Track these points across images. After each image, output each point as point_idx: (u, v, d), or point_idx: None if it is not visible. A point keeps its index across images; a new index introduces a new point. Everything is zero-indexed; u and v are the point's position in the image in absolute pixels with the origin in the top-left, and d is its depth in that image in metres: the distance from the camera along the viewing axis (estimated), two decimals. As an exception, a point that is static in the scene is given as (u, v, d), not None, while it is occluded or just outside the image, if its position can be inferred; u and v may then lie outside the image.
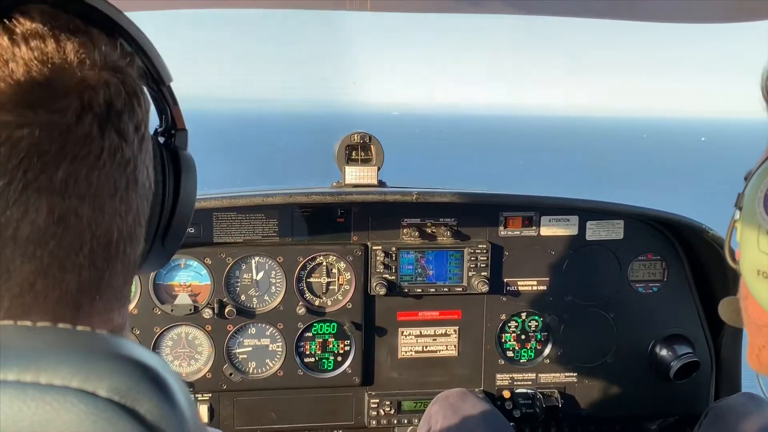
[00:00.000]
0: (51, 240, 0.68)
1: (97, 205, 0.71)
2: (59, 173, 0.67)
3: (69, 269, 0.70)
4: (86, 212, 0.70)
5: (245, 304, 2.62)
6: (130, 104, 0.75)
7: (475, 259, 2.67)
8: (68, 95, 0.69)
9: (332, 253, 2.64)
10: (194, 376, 2.64)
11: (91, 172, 0.70)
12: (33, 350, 0.55)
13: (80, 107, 0.69)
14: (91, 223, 0.70)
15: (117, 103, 0.73)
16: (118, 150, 0.73)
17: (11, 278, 0.67)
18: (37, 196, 0.66)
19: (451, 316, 2.76)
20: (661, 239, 2.78)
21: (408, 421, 2.76)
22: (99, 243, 0.71)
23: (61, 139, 0.68)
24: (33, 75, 0.68)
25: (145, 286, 2.54)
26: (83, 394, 0.53)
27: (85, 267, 0.71)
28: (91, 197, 0.70)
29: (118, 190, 0.73)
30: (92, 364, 0.55)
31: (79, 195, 0.69)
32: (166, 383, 0.57)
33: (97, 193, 0.70)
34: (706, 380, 2.85)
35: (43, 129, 0.67)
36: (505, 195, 2.72)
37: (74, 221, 0.69)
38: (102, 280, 0.73)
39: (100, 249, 0.72)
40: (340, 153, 2.65)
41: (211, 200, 2.53)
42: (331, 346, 2.71)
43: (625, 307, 2.80)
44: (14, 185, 0.65)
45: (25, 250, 0.67)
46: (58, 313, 0.70)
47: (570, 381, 2.84)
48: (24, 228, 0.66)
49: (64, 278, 0.69)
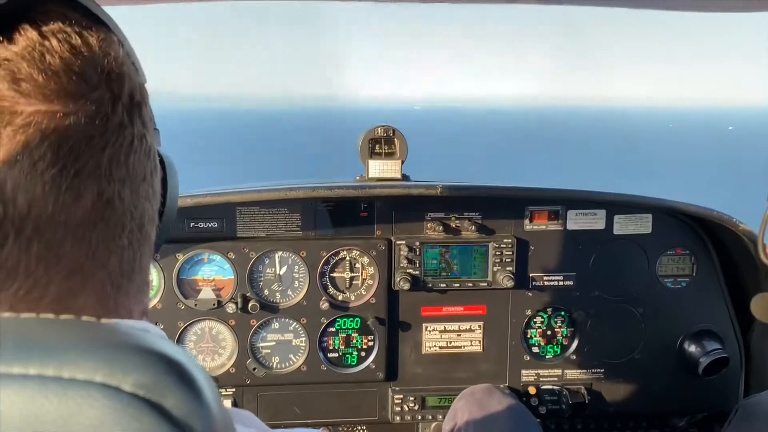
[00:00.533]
0: (99, 222, 0.71)
1: (134, 188, 0.75)
2: (104, 159, 0.71)
3: (114, 250, 0.73)
4: (127, 195, 0.74)
5: (268, 299, 2.61)
6: (144, 96, 0.80)
7: (500, 254, 2.64)
8: (100, 86, 0.72)
9: (355, 247, 2.62)
10: (218, 370, 2.63)
11: (127, 158, 0.74)
12: (56, 343, 0.54)
13: (112, 96, 0.73)
14: (130, 206, 0.75)
15: (136, 95, 0.77)
16: (144, 138, 0.78)
17: (60, 262, 0.69)
18: (87, 180, 0.70)
19: (475, 311, 2.73)
20: (690, 233, 2.73)
21: (432, 417, 2.74)
22: (136, 225, 0.76)
23: (102, 126, 0.71)
24: (70, 66, 0.70)
25: (169, 281, 2.54)
26: (107, 389, 0.52)
27: (126, 248, 0.75)
28: (129, 181, 0.74)
29: (146, 175, 0.78)
30: (116, 358, 0.54)
31: (121, 179, 0.73)
32: (193, 378, 0.56)
33: (133, 176, 0.75)
34: (736, 376, 2.80)
35: (87, 117, 0.70)
36: (531, 189, 2.68)
37: (118, 204, 0.73)
38: (136, 261, 0.77)
39: (137, 230, 0.76)
40: (364, 147, 2.62)
41: (234, 194, 2.52)
42: (354, 341, 2.69)
43: (654, 303, 2.75)
44: (66, 171, 0.68)
45: (75, 233, 0.70)
46: (103, 294, 0.73)
47: (597, 377, 2.80)
48: (75, 212, 0.69)
49: (109, 259, 0.73)
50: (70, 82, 0.70)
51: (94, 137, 0.71)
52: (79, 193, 0.69)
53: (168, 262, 2.54)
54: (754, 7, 1.95)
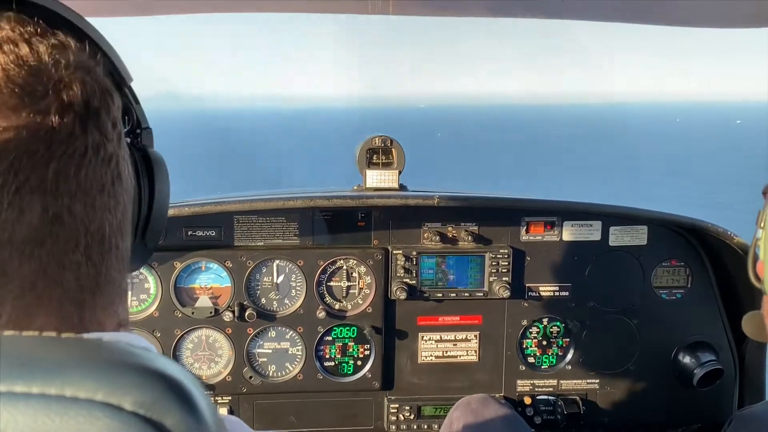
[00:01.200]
0: (47, 239, 0.69)
1: (88, 201, 0.72)
2: (49, 172, 0.69)
3: (67, 267, 0.71)
4: (78, 209, 0.71)
5: (266, 308, 2.62)
6: (105, 102, 0.77)
7: (496, 264, 2.65)
8: (47, 95, 0.70)
9: (352, 256, 2.63)
10: (214, 379, 2.64)
11: (78, 170, 0.71)
12: (58, 362, 0.55)
13: (60, 106, 0.70)
14: (84, 220, 0.72)
15: (94, 101, 0.74)
16: (101, 146, 0.74)
17: (11, 280, 0.68)
18: (30, 196, 0.68)
19: (471, 321, 2.74)
20: (685, 245, 2.75)
21: (428, 427, 2.74)
22: (93, 239, 0.73)
23: (47, 138, 0.69)
24: (12, 78, 0.69)
25: (166, 289, 2.55)
26: (108, 408, 0.53)
27: (83, 263, 0.72)
28: (81, 194, 0.71)
29: (105, 185, 0.74)
30: (117, 376, 0.54)
31: (70, 193, 0.71)
32: (192, 396, 0.56)
33: (86, 189, 0.72)
34: (730, 388, 2.81)
35: (29, 130, 0.68)
36: (527, 200, 2.70)
37: (68, 219, 0.70)
38: (100, 275, 0.75)
39: (95, 244, 0.73)
40: (361, 156, 2.64)
41: (232, 203, 2.53)
42: (350, 350, 2.70)
43: (649, 314, 2.76)
44: (7, 188, 0.67)
45: (23, 250, 0.68)
46: (63, 312, 0.71)
47: (592, 388, 2.81)
48: (20, 229, 0.68)
49: (64, 276, 0.71)
50: (12, 95, 0.68)
51: (38, 151, 0.68)
52: (22, 209, 0.67)
53: (165, 270, 2.55)
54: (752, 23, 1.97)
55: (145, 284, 2.56)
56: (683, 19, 2.06)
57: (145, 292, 2.56)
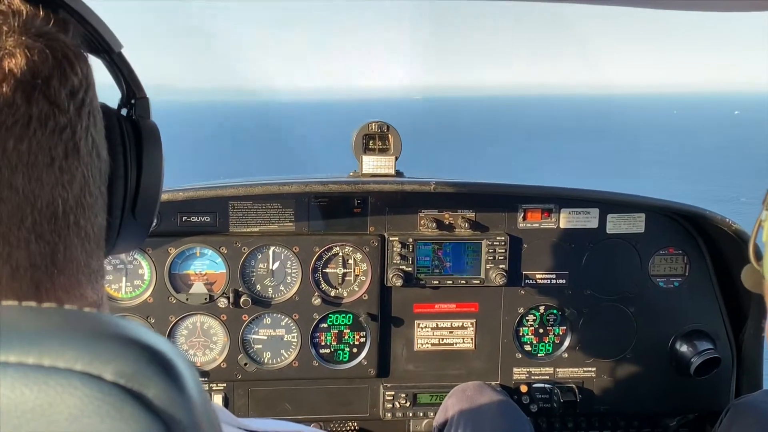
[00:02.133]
0: None
1: (33, 175, 0.68)
2: None
3: (14, 244, 0.68)
4: (21, 183, 0.67)
5: (261, 294, 2.60)
6: (60, 69, 0.72)
7: (493, 251, 2.63)
8: None
9: (348, 243, 2.61)
10: (209, 365, 2.63)
11: (19, 142, 0.67)
12: (37, 331, 0.53)
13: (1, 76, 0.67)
14: (29, 195, 0.68)
15: (43, 69, 0.70)
16: (50, 117, 0.70)
17: None
18: None
19: (468, 308, 2.73)
20: (683, 233, 2.73)
21: (423, 414, 2.73)
22: (42, 215, 0.69)
23: None
24: None
25: (161, 275, 2.53)
26: (87, 378, 0.51)
27: (32, 241, 0.69)
28: (24, 167, 0.67)
29: (55, 159, 0.70)
30: (98, 346, 0.52)
31: (10, 166, 0.67)
32: (175, 367, 0.55)
33: (30, 162, 0.68)
34: (727, 377, 2.80)
35: None
36: (525, 186, 2.68)
37: (8, 193, 0.67)
38: (56, 254, 0.71)
39: (44, 221, 0.70)
40: (358, 142, 2.62)
41: (226, 188, 2.51)
42: (346, 337, 2.69)
43: (646, 302, 2.75)
44: None
45: None
46: (18, 291, 0.68)
47: (588, 376, 2.80)
48: None
49: (11, 254, 0.68)
50: None
51: None
52: None
53: (160, 256, 2.53)
54: (755, 7, 1.94)
55: (139, 270, 2.55)
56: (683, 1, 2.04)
57: (140, 278, 2.55)
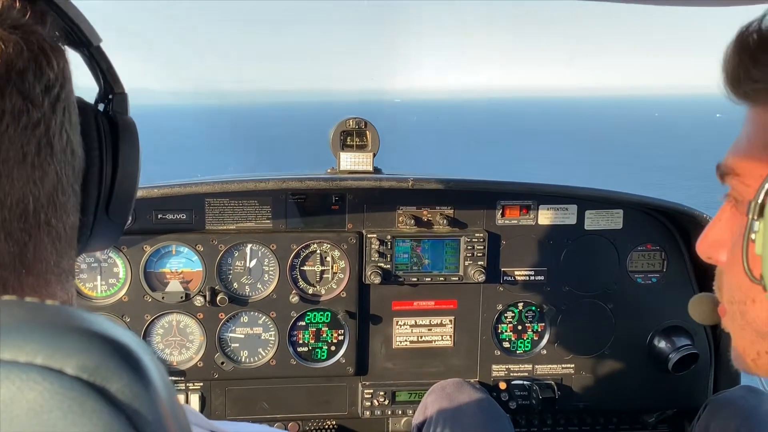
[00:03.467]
0: None
1: (4, 171, 0.66)
2: None
3: None
4: None
5: (238, 292, 2.58)
6: (36, 63, 0.70)
7: (471, 248, 2.63)
8: None
9: (326, 240, 2.59)
10: (185, 364, 2.60)
11: None
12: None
13: None
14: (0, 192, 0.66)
15: (18, 62, 0.68)
16: (23, 113, 0.68)
17: None
18: None
19: (446, 305, 2.72)
20: (660, 229, 2.74)
21: (402, 412, 2.72)
22: (13, 213, 0.67)
23: None
24: None
25: (136, 273, 2.50)
26: (49, 372, 0.49)
27: (1, 239, 0.67)
28: None
29: (27, 155, 0.68)
30: (60, 340, 0.51)
31: None
32: (140, 361, 0.53)
33: (1, 159, 0.66)
34: (705, 372, 2.81)
35: None
36: (503, 183, 2.68)
37: None
38: (25, 253, 0.69)
39: (15, 219, 0.68)
40: (335, 138, 2.60)
41: (202, 185, 2.49)
42: (324, 335, 2.67)
43: (624, 298, 2.76)
44: None
45: None
46: None
47: (567, 372, 2.80)
48: None
49: None
50: None
51: None
52: None
53: (135, 254, 2.50)
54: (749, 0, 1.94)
55: (114, 268, 2.51)
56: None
57: (114, 276, 2.52)
